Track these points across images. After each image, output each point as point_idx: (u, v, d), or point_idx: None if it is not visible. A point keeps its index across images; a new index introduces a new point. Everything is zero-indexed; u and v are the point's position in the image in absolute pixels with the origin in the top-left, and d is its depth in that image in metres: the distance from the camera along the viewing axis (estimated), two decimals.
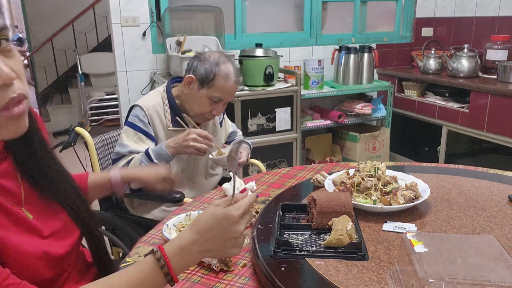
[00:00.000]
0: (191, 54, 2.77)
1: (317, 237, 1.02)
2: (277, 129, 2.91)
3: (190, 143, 1.55)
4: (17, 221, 0.79)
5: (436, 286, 0.70)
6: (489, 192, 1.29)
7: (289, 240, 0.99)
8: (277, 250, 0.95)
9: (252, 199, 0.80)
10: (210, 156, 1.68)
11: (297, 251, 0.95)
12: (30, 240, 0.79)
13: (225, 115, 1.97)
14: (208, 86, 1.64)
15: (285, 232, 1.05)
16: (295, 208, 1.17)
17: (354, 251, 0.94)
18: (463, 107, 3.10)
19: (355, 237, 0.97)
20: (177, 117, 1.68)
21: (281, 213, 1.12)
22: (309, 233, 1.04)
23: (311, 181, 1.39)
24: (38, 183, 0.86)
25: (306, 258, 0.93)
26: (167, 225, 1.09)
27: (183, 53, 2.79)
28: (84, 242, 0.98)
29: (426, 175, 1.41)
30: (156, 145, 1.66)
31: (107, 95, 5.35)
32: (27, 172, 0.85)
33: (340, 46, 3.40)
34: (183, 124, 1.67)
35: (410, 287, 0.76)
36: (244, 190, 0.83)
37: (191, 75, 1.66)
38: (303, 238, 1.02)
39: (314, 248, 0.96)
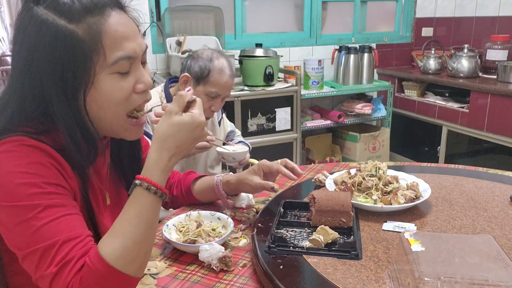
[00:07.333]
0: None
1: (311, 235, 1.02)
2: (277, 129, 2.91)
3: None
4: (101, 203, 0.91)
5: (431, 285, 0.70)
6: (490, 193, 1.29)
7: (284, 236, 1.00)
8: (271, 245, 0.96)
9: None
10: (218, 149, 1.69)
11: (291, 248, 0.96)
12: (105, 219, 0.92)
13: (224, 115, 1.97)
14: (203, 82, 1.66)
15: (284, 228, 1.06)
16: (297, 206, 1.18)
17: (347, 250, 0.94)
18: (463, 107, 3.10)
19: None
20: None
21: (282, 210, 1.13)
22: (309, 231, 1.04)
23: (312, 180, 1.39)
24: (123, 171, 0.99)
25: (304, 256, 0.94)
26: (167, 225, 1.09)
27: (183, 53, 2.79)
28: None
29: (427, 175, 1.41)
30: None
31: None
32: (119, 161, 0.98)
33: (340, 46, 3.40)
34: None
35: (407, 286, 0.76)
36: None
37: (186, 74, 1.68)
38: (301, 236, 1.02)
39: (308, 245, 0.97)
